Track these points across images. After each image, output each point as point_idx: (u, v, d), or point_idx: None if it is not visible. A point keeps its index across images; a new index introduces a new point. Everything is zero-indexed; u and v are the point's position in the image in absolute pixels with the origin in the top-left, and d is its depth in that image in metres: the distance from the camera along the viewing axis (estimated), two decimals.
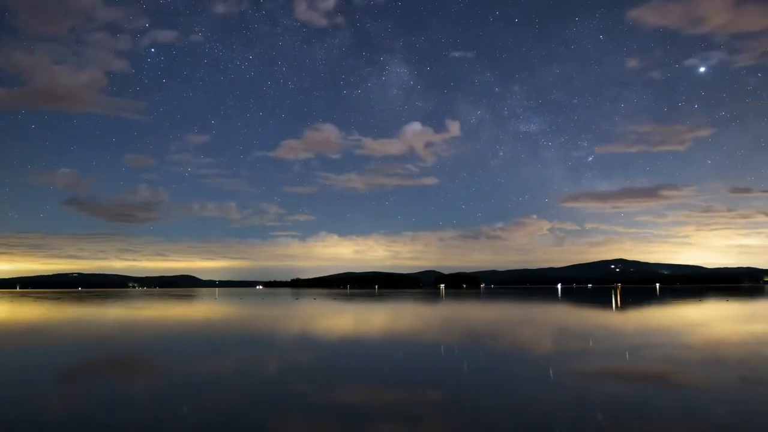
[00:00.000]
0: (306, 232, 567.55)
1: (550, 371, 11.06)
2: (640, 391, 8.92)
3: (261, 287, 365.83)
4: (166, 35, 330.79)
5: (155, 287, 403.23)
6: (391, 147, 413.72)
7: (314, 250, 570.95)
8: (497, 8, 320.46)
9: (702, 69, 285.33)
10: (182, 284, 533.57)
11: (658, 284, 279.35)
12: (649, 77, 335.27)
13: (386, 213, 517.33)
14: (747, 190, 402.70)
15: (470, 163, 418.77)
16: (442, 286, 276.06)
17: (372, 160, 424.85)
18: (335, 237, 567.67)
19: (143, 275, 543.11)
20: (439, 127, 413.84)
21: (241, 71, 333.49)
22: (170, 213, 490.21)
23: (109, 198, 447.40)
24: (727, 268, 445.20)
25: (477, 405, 7.96)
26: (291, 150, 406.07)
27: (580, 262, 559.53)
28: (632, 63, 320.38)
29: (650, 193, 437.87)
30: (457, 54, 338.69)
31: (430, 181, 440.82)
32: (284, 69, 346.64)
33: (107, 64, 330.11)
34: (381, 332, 20.63)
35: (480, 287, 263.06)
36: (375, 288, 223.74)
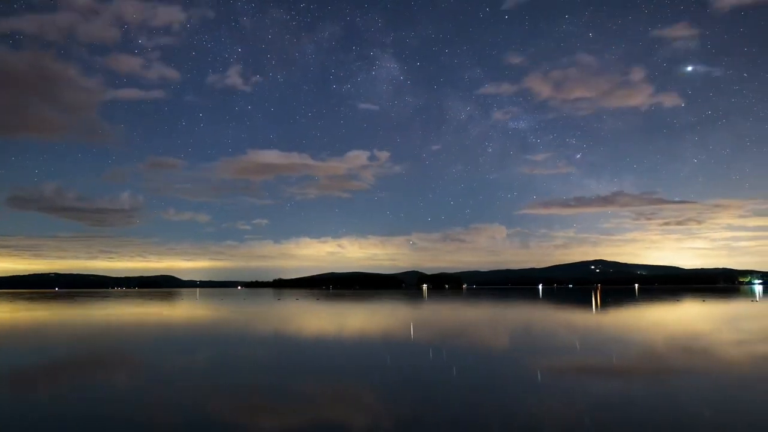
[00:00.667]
0: (288, 231, 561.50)
1: (516, 369, 11.07)
2: (619, 388, 9.02)
3: (241, 288, 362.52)
4: None
5: (135, 287, 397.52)
6: None
7: (296, 250, 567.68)
8: (487, 5, 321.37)
9: (689, 68, 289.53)
10: (163, 285, 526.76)
11: (636, 284, 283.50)
12: (636, 76, 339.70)
13: (371, 211, 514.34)
14: (723, 192, 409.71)
15: (459, 159, 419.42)
16: (425, 286, 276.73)
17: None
18: (318, 237, 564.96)
19: (123, 275, 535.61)
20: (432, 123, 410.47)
21: (229, 64, 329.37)
22: (150, 213, 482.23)
23: (89, 200, 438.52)
24: (703, 269, 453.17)
25: (440, 401, 7.95)
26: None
27: (561, 263, 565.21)
28: (621, 61, 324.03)
29: (629, 194, 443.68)
30: (447, 50, 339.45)
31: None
32: (273, 62, 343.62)
33: None
34: (358, 331, 20.51)
35: (462, 287, 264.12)
36: (356, 288, 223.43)
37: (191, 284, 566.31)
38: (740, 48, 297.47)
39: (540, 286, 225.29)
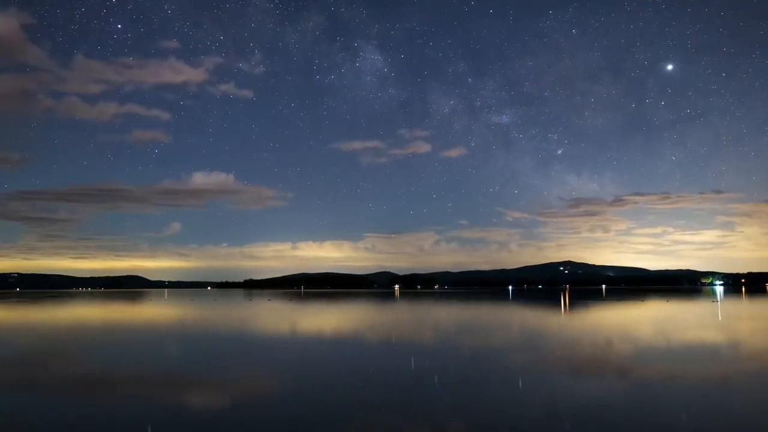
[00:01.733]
0: (262, 229, 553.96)
1: (470, 367, 11.28)
2: (575, 384, 9.27)
3: (210, 288, 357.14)
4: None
5: (101, 288, 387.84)
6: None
7: (267, 250, 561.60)
8: None
9: (669, 67, 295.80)
10: (129, 285, 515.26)
11: (604, 285, 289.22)
12: (619, 73, 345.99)
13: (350, 205, 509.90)
14: (698, 190, 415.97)
15: (441, 152, 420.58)
16: (397, 286, 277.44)
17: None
18: (290, 236, 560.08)
19: (87, 276, 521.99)
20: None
21: (212, 52, 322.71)
22: (118, 210, 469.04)
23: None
24: (667, 270, 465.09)
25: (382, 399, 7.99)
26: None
27: (531, 264, 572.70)
28: (603, 58, 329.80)
29: (601, 196, 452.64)
30: (431, 43, 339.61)
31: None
32: (256, 51, 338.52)
33: None
34: (330, 331, 20.46)
35: (434, 288, 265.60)
36: (328, 288, 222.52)
37: (159, 284, 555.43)
38: (719, 48, 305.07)
39: (510, 287, 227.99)
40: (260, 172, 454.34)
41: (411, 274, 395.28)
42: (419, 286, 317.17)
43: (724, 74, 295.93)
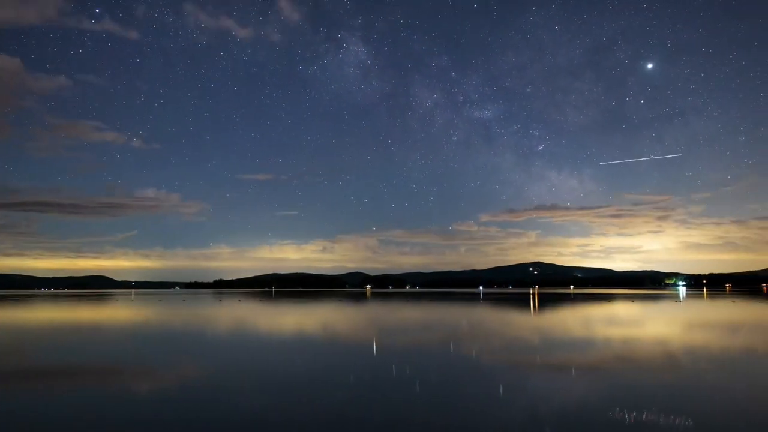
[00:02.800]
0: (231, 228, 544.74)
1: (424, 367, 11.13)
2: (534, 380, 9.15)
3: (178, 288, 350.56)
4: None
5: (64, 288, 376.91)
6: None
7: (238, 250, 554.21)
8: None
9: (650, 66, 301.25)
10: (94, 286, 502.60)
11: (572, 286, 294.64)
12: (600, 71, 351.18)
13: (329, 199, 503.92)
14: (674, 189, 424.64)
15: (423, 146, 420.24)
16: (368, 287, 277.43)
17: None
18: (260, 235, 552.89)
19: (51, 276, 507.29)
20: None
21: (193, 39, 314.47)
22: (84, 206, 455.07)
23: (16, 184, 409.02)
24: (633, 271, 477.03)
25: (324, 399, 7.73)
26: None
27: (501, 265, 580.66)
28: (585, 55, 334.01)
29: (570, 196, 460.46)
30: (415, 36, 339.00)
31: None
32: (238, 39, 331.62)
33: None
34: (301, 331, 20.11)
35: (405, 288, 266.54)
36: (299, 289, 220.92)
37: (126, 285, 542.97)
38: (698, 48, 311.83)
39: (480, 288, 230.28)
40: (240, 162, 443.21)
41: (383, 275, 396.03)
42: (390, 286, 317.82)
43: (702, 74, 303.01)
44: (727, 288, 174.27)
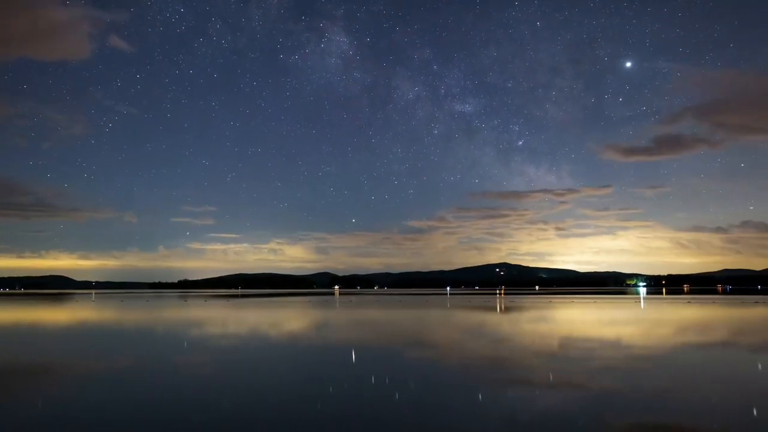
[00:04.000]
0: (197, 226, 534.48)
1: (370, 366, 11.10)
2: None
3: (144, 289, 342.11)
4: None
5: (20, 289, 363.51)
6: None
7: (204, 249, 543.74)
8: None
9: (628, 64, 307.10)
10: (53, 286, 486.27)
11: (537, 286, 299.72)
12: (580, 67, 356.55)
13: (306, 191, 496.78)
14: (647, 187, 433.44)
15: (404, 138, 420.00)
16: (337, 287, 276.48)
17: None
18: (227, 234, 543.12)
19: (5, 275, 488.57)
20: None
21: (171, 24, 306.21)
22: (45, 204, 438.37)
23: None
24: (596, 272, 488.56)
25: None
26: None
27: (469, 266, 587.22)
28: (565, 52, 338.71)
29: (548, 192, 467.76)
30: (398, 28, 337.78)
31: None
32: (218, 26, 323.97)
33: None
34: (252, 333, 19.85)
35: (374, 289, 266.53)
36: (266, 289, 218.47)
37: (86, 285, 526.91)
38: (675, 48, 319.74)
39: (448, 288, 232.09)
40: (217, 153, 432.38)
41: (351, 275, 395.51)
42: (359, 286, 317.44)
43: (679, 74, 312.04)
44: (685, 288, 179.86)
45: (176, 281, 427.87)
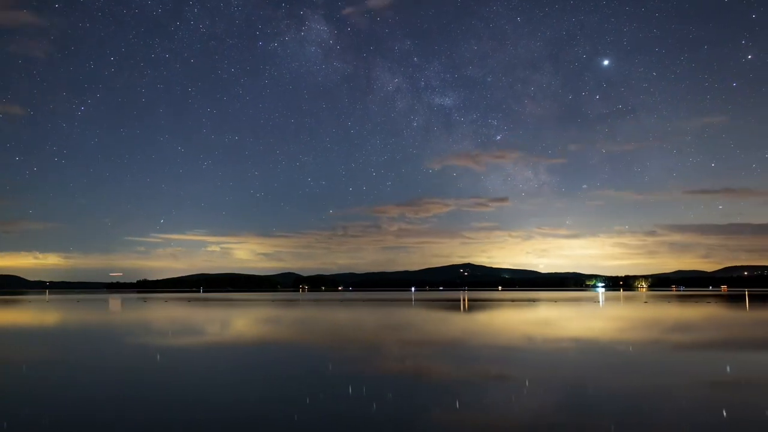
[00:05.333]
0: (157, 224, 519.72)
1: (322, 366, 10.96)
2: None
3: (102, 289, 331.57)
4: None
5: None
6: None
7: (165, 248, 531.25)
8: None
9: (606, 62, 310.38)
10: (3, 285, 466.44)
11: (500, 287, 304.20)
12: (558, 64, 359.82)
13: (281, 182, 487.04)
14: (623, 185, 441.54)
15: (383, 130, 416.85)
16: (301, 288, 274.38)
17: None
18: (189, 231, 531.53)
19: None
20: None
21: (147, 6, 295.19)
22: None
23: None
24: (558, 273, 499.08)
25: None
26: None
27: (433, 266, 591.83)
28: (545, 48, 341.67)
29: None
30: (378, 18, 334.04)
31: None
32: (196, 10, 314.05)
33: None
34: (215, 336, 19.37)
35: (338, 289, 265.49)
36: (228, 290, 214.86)
37: (39, 286, 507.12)
38: (652, 48, 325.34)
39: (412, 289, 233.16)
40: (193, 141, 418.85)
41: (316, 275, 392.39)
42: (323, 287, 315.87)
43: (654, 73, 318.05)
44: (641, 289, 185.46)
45: (135, 281, 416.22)
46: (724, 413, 7.84)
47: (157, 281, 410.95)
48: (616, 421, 7.37)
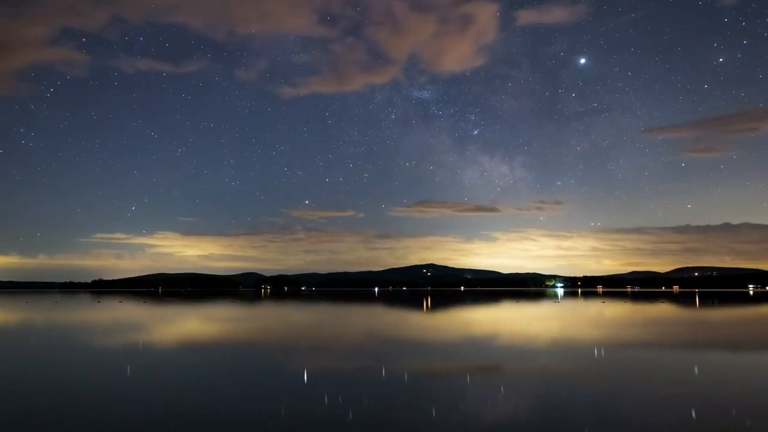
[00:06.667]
0: (112, 222, 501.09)
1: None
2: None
3: (53, 289, 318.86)
4: None
5: None
6: None
7: (123, 245, 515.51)
8: None
9: (582, 61, 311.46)
10: None
11: (462, 287, 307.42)
12: (536, 61, 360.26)
13: (250, 179, 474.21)
14: (596, 183, 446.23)
15: (361, 121, 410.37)
16: (264, 288, 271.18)
17: None
18: (147, 228, 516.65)
19: None
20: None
21: None
22: None
23: None
24: (518, 273, 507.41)
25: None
26: None
27: (396, 266, 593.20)
28: (524, 44, 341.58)
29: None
30: (359, 9, 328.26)
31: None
32: None
33: None
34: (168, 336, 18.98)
35: (301, 289, 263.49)
36: (188, 290, 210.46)
37: None
38: (628, 48, 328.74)
39: (376, 289, 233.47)
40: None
41: (279, 275, 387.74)
42: (286, 287, 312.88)
43: (629, 73, 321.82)
44: (599, 289, 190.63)
45: (90, 281, 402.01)
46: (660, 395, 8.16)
47: (114, 281, 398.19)
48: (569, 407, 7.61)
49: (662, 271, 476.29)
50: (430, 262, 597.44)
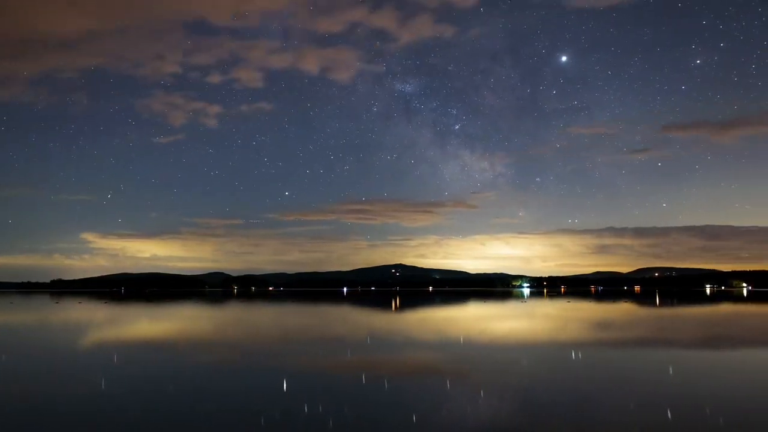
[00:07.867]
0: (74, 217, 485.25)
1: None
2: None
3: (7, 290, 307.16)
4: None
5: None
6: None
7: (84, 243, 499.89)
8: None
9: (564, 58, 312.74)
10: None
11: (431, 287, 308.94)
12: (518, 57, 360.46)
13: (230, 169, 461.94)
14: (578, 181, 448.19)
15: (343, 114, 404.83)
16: (231, 288, 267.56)
17: None
18: (110, 226, 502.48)
19: None
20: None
21: None
22: None
23: None
24: (485, 273, 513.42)
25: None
26: None
27: (365, 266, 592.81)
28: (506, 40, 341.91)
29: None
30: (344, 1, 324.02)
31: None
32: None
33: None
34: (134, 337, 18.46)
35: (269, 289, 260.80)
36: (152, 290, 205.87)
37: None
38: (608, 47, 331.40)
39: (344, 289, 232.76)
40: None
41: (246, 275, 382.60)
42: (254, 287, 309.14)
43: (609, 72, 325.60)
44: (562, 289, 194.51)
45: (49, 281, 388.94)
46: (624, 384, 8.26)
47: (74, 281, 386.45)
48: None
49: (624, 272, 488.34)
50: (398, 263, 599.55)
